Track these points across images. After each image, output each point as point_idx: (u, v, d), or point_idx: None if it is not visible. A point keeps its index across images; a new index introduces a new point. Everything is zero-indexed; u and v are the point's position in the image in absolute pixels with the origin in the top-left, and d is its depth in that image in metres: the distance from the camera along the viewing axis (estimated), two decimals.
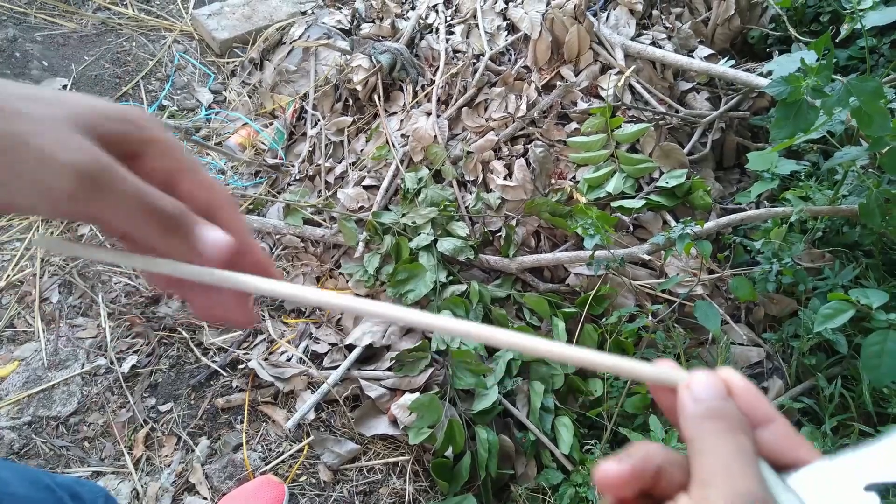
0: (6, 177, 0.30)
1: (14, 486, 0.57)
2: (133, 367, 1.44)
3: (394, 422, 1.29)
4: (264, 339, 1.47)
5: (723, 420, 0.27)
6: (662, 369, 0.30)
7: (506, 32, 1.76)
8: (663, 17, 1.75)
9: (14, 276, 1.63)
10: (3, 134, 0.30)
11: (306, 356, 1.41)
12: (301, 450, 1.30)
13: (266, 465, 1.29)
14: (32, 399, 1.41)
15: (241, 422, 1.35)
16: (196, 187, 0.36)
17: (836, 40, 1.47)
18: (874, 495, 0.25)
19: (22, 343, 1.52)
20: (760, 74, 1.48)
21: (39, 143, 0.30)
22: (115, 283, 1.61)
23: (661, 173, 1.46)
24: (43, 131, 0.31)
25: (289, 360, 1.41)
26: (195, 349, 1.46)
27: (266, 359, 1.41)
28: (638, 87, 1.59)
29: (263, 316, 1.51)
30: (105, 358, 1.46)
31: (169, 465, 1.30)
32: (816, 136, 1.24)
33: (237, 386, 1.40)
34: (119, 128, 0.34)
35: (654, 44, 1.65)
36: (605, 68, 1.64)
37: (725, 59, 1.59)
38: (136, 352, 1.48)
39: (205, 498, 1.25)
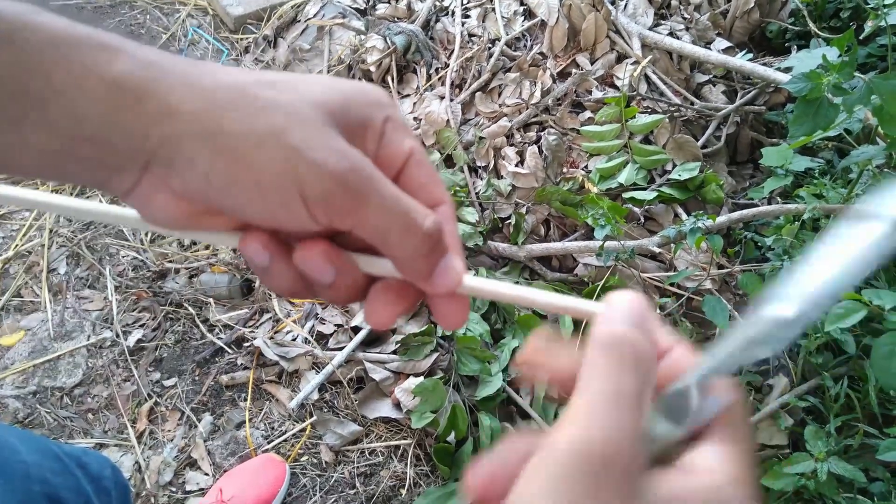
0: (248, 177, 0.27)
1: (23, 453, 0.57)
2: (139, 340, 1.45)
3: (397, 405, 1.29)
4: (270, 317, 1.47)
5: (617, 353, 0.24)
6: (588, 302, 0.30)
7: (522, 18, 1.74)
8: (682, 7, 1.73)
9: (22, 245, 1.64)
10: (254, 129, 0.27)
11: (312, 336, 1.41)
12: (303, 430, 1.30)
13: (268, 443, 1.29)
14: (38, 369, 1.41)
15: (245, 399, 1.35)
16: (423, 180, 0.32)
17: (858, 38, 1.45)
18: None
19: (29, 313, 1.52)
20: (778, 69, 1.47)
21: (294, 141, 0.27)
22: (123, 257, 1.61)
23: (674, 165, 1.45)
24: (296, 126, 0.27)
25: (294, 339, 1.41)
26: (201, 325, 1.47)
27: (271, 338, 1.42)
28: (654, 77, 1.58)
29: (270, 295, 1.51)
30: (111, 331, 1.47)
31: (172, 440, 1.31)
32: (833, 133, 1.23)
33: (242, 364, 1.40)
34: (365, 113, 0.31)
35: (671, 34, 1.63)
36: (621, 57, 1.63)
37: (743, 52, 1.57)
38: (142, 326, 1.48)
39: (206, 474, 1.26)
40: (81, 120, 0.26)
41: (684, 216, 1.39)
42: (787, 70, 1.41)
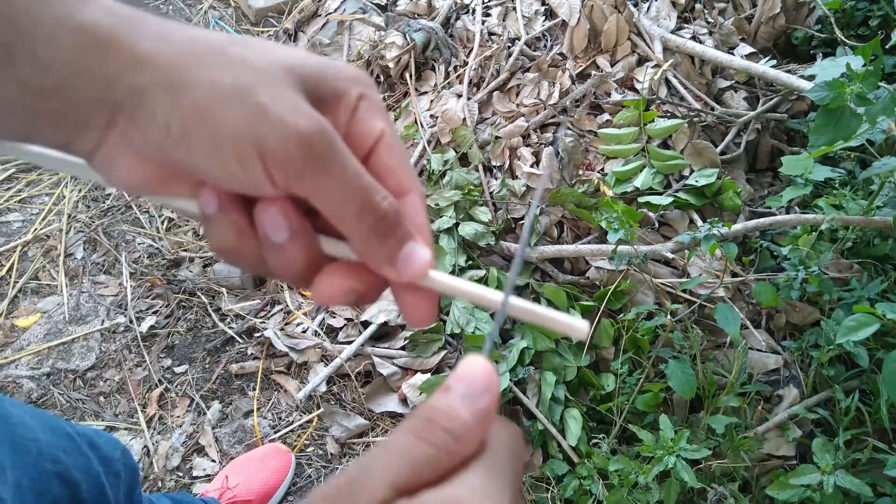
0: (205, 130, 0.26)
1: (36, 431, 0.58)
2: (151, 327, 1.47)
3: (403, 400, 1.30)
4: (281, 309, 1.48)
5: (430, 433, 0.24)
6: (554, 312, 0.30)
7: (543, 17, 1.74)
8: (706, 11, 1.71)
9: (41, 229, 1.66)
10: (220, 82, 0.27)
11: (321, 329, 1.42)
12: (310, 421, 1.31)
13: (275, 433, 1.30)
14: (52, 351, 1.44)
15: (254, 389, 1.37)
16: (393, 165, 0.31)
17: (885, 46, 1.43)
18: None
19: (45, 296, 1.55)
20: (802, 77, 1.44)
21: (261, 98, 0.26)
22: (139, 244, 1.63)
23: (692, 171, 1.44)
24: (265, 84, 0.27)
25: (304, 331, 1.42)
26: (213, 314, 1.48)
27: (282, 329, 1.43)
28: (674, 81, 1.56)
29: (282, 287, 1.52)
30: (125, 316, 1.49)
31: (180, 426, 1.32)
32: (855, 144, 1.21)
33: (252, 353, 1.42)
34: (339, 86, 0.30)
35: (694, 38, 1.61)
36: (642, 60, 1.61)
37: (767, 58, 1.55)
38: (155, 312, 1.50)
39: (213, 460, 1.27)
40: (48, 68, 0.26)
41: (700, 222, 1.38)
42: (811, 78, 1.39)
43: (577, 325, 0.30)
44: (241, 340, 1.43)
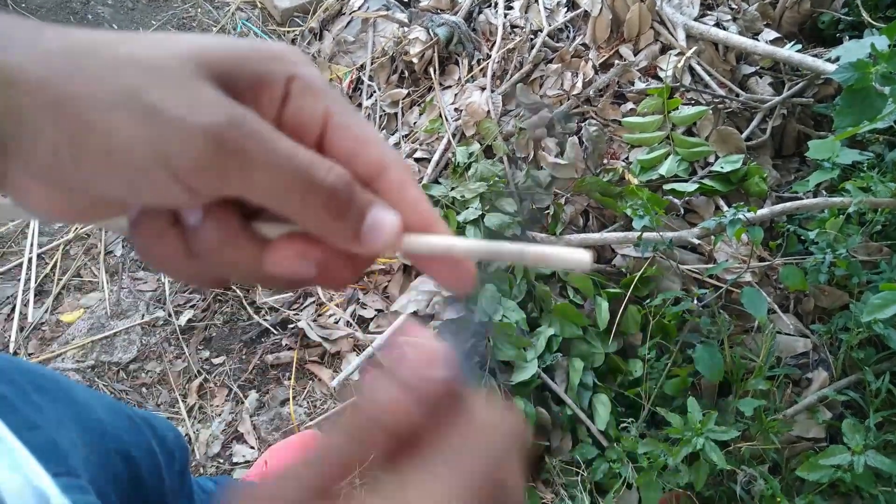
0: (96, 146, 0.23)
1: (99, 412, 0.62)
2: (189, 320, 1.52)
3: None
4: (314, 301, 1.52)
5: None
6: (549, 248, 0.29)
7: (565, 9, 1.75)
8: None
9: (82, 229, 1.72)
10: (102, 89, 0.23)
11: (353, 320, 1.45)
12: (344, 408, 1.35)
13: (311, 420, 1.34)
14: (96, 345, 1.49)
15: (289, 378, 1.41)
16: (353, 145, 0.27)
17: None
18: None
19: (88, 292, 1.61)
20: (828, 60, 1.44)
21: (154, 99, 0.23)
22: None
23: (717, 158, 1.44)
24: (157, 82, 0.23)
25: (336, 322, 1.46)
26: (248, 307, 1.53)
27: (315, 320, 1.46)
28: (698, 69, 1.56)
29: None
30: (163, 310, 1.54)
31: (220, 415, 1.37)
32: (883, 126, 1.20)
33: (286, 344, 1.46)
34: (260, 69, 0.26)
35: (717, 25, 1.61)
36: (665, 48, 1.62)
37: (792, 43, 1.54)
38: (192, 306, 1.55)
39: (252, 447, 1.32)
40: None
41: (725, 208, 1.39)
42: (837, 60, 1.38)
43: (577, 257, 0.28)
44: (275, 332, 1.48)
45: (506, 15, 1.78)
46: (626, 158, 1.49)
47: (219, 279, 0.29)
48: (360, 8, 2.00)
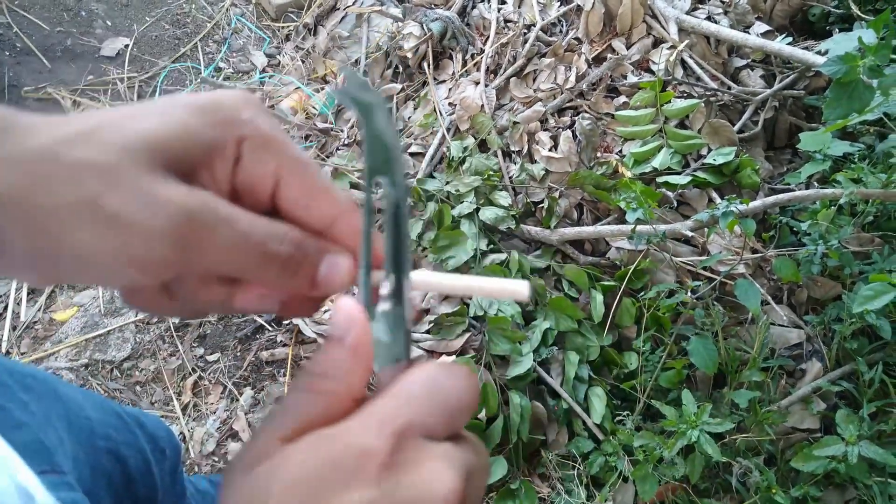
0: (68, 254, 0.25)
1: (87, 409, 0.61)
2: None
3: None
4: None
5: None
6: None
7: (558, 3, 1.75)
8: None
9: None
10: (64, 200, 0.24)
11: None
12: None
13: None
14: (89, 343, 1.49)
15: (284, 375, 1.41)
16: (304, 197, 0.29)
17: None
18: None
19: (81, 290, 1.60)
20: (818, 53, 1.44)
21: (114, 207, 0.24)
22: None
23: (710, 150, 1.45)
24: (113, 188, 0.24)
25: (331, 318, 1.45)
26: None
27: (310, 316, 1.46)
28: (690, 62, 1.57)
29: None
30: None
31: (214, 412, 1.37)
32: (872, 117, 1.21)
33: (281, 341, 1.45)
34: (209, 138, 0.27)
35: (709, 18, 1.61)
36: (657, 42, 1.62)
37: (783, 36, 1.55)
38: None
39: None
40: None
41: (718, 200, 1.39)
42: (826, 53, 1.39)
43: (515, 288, 0.29)
44: (270, 328, 1.47)
45: (499, 9, 1.78)
46: (620, 151, 1.49)
47: (196, 314, 0.33)
48: (354, 3, 2.00)
